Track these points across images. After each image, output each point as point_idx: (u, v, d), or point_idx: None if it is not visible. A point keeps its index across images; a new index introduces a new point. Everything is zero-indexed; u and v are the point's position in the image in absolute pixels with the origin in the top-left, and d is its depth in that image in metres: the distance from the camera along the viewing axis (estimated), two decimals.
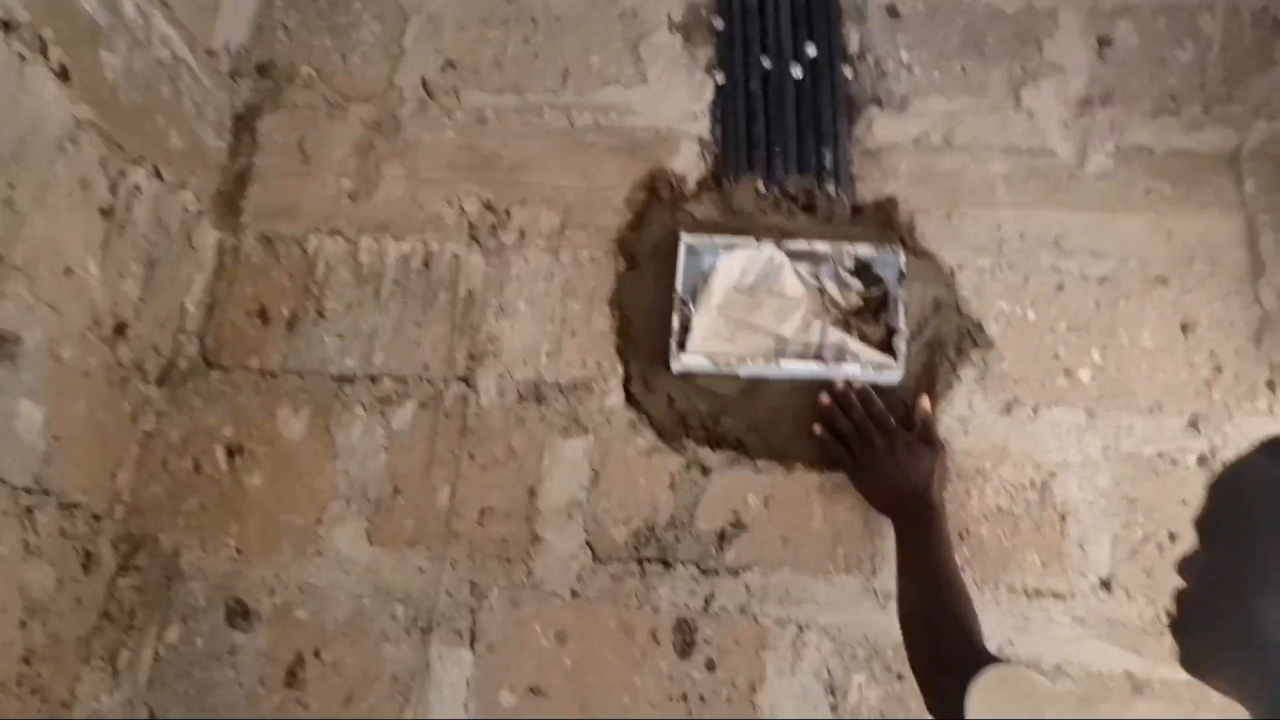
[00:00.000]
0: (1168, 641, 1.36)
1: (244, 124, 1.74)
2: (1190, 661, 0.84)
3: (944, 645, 1.10)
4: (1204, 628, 0.82)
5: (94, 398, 1.45)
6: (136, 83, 1.49)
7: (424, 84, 1.74)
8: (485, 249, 1.63)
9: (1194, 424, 1.45)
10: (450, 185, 1.67)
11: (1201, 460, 1.44)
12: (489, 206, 1.65)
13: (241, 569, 1.49)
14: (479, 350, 1.57)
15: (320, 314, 1.61)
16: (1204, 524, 0.85)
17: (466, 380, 1.56)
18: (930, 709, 1.07)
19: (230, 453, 1.55)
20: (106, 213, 1.45)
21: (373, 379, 1.57)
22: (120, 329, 1.49)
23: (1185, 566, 0.85)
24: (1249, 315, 1.50)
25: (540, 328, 1.58)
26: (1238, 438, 1.44)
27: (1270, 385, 1.47)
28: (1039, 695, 0.92)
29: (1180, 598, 0.85)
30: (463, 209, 1.65)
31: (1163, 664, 1.34)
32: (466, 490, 1.50)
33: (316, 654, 1.43)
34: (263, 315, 1.62)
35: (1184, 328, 1.50)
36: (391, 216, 1.66)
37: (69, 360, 1.38)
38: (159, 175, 1.55)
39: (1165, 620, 0.91)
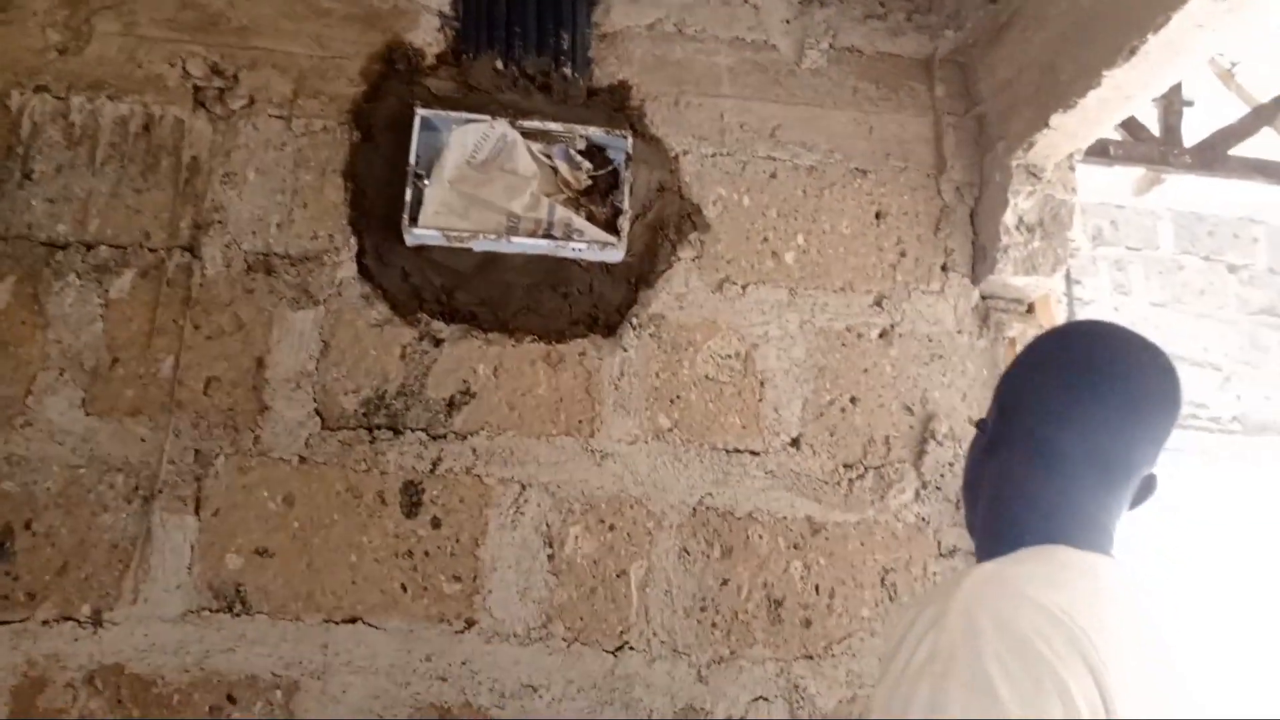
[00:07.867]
0: (843, 491, 1.56)
1: None
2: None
3: None
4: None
5: None
6: None
7: None
8: (212, 114, 1.57)
9: (878, 302, 1.63)
10: (172, 45, 1.58)
11: (883, 334, 1.62)
12: (216, 70, 1.58)
13: None
14: (204, 219, 1.53)
15: (26, 176, 1.51)
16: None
17: (191, 249, 1.52)
18: None
19: None
20: None
21: (88, 246, 1.50)
22: None
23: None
24: (931, 207, 1.68)
25: (270, 198, 1.55)
26: (913, 314, 1.63)
27: (944, 268, 1.66)
28: None
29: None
30: (186, 71, 1.57)
31: (836, 510, 1.53)
32: (191, 360, 1.48)
33: (27, 525, 1.40)
34: None
35: (878, 216, 1.67)
36: (106, 75, 1.56)
37: None
38: None
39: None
